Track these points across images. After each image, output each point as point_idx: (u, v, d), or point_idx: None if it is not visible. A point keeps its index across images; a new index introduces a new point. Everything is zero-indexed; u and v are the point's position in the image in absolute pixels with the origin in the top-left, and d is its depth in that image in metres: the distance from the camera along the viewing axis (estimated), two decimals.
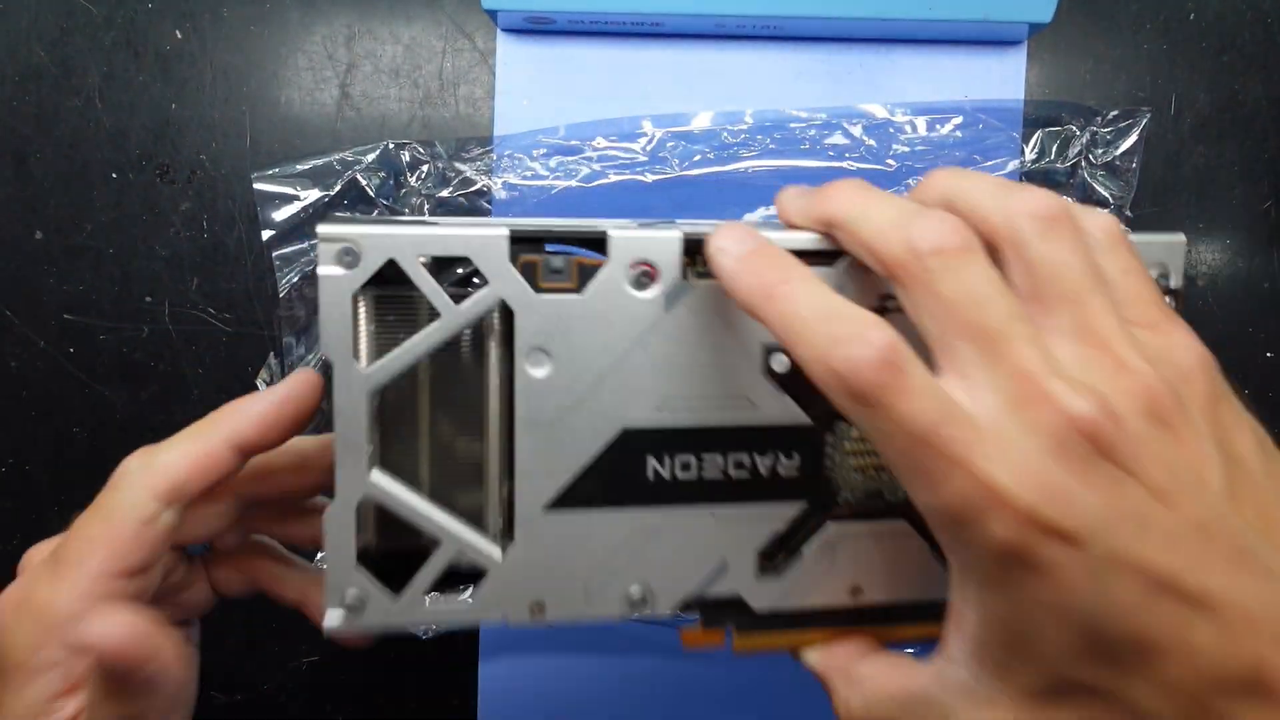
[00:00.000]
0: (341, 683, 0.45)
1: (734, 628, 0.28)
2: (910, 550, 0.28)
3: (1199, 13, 0.42)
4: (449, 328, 0.26)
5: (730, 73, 0.42)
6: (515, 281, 0.26)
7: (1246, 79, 0.42)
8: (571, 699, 0.45)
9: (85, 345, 0.44)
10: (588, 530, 0.27)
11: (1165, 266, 0.28)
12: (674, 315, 0.27)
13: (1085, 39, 0.42)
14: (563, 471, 0.27)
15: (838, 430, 0.28)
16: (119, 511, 0.27)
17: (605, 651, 0.44)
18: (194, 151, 0.43)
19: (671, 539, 0.28)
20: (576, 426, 0.27)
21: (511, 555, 0.27)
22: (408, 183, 0.41)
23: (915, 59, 0.42)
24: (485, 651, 0.45)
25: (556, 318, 0.27)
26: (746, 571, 0.28)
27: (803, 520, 0.28)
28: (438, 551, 0.27)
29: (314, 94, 0.43)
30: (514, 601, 0.27)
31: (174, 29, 0.43)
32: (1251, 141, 0.42)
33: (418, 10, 0.43)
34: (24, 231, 0.43)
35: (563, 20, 0.41)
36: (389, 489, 0.27)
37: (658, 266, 0.27)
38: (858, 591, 0.28)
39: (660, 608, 0.28)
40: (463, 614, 0.28)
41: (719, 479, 0.28)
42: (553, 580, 0.27)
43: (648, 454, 0.27)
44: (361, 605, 0.27)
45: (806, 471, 0.28)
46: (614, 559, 0.28)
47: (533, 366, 0.27)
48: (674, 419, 0.27)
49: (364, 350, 0.27)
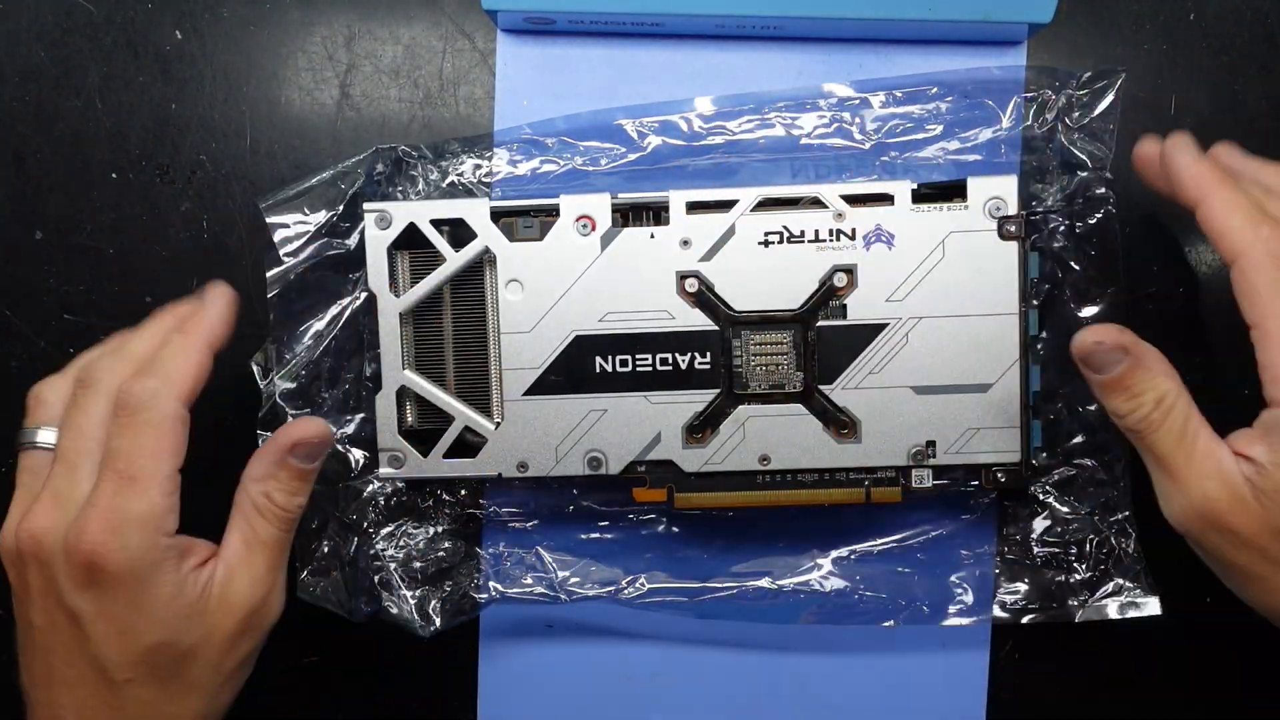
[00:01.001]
0: (341, 683, 0.45)
1: (673, 487, 0.38)
2: (806, 428, 0.38)
3: (1199, 13, 0.42)
4: (451, 268, 0.38)
5: (730, 73, 0.42)
6: (495, 235, 0.38)
7: (1246, 79, 0.42)
8: (572, 699, 0.45)
9: (85, 345, 0.43)
10: (554, 410, 0.38)
11: (1002, 200, 0.37)
12: (609, 253, 0.38)
13: (1085, 39, 0.42)
14: (534, 368, 0.38)
15: (742, 336, 0.38)
16: (162, 422, 0.32)
17: (605, 651, 0.44)
18: (194, 151, 0.43)
19: (616, 417, 0.38)
20: (542, 335, 0.38)
21: (501, 429, 0.39)
22: (409, 191, 0.41)
23: (915, 59, 0.42)
24: (485, 651, 0.45)
25: (526, 258, 0.38)
26: (676, 442, 0.38)
27: (718, 403, 0.38)
28: (451, 426, 0.39)
29: (314, 94, 0.43)
30: (505, 461, 0.39)
31: (174, 29, 0.43)
32: (1251, 142, 0.42)
33: (418, 10, 0.43)
34: (24, 231, 0.43)
35: (563, 20, 0.41)
36: (418, 381, 0.39)
37: (594, 218, 0.38)
38: (766, 459, 0.38)
39: (612, 468, 0.38)
40: (470, 469, 0.39)
41: (650, 372, 0.38)
42: (532, 446, 0.38)
43: (594, 354, 0.38)
44: (401, 461, 0.39)
45: (718, 366, 0.38)
46: (575, 432, 0.38)
47: (510, 294, 0.38)
48: (612, 328, 0.38)
49: (401, 287, 0.39)
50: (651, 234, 0.38)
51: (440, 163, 0.41)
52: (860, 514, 0.42)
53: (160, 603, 0.32)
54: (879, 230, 0.37)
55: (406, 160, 0.41)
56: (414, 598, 0.42)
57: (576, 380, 0.38)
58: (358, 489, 0.42)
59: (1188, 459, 0.31)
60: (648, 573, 0.42)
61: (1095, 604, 0.41)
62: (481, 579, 0.43)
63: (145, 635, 0.32)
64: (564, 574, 0.42)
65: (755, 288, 0.38)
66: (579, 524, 0.43)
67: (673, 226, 0.38)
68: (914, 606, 0.42)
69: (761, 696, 0.44)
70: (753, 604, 0.42)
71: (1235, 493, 0.30)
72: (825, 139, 0.41)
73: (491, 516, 0.43)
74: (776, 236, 0.37)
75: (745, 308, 0.38)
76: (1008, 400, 0.37)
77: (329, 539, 0.42)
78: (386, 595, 0.42)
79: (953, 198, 0.37)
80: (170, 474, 0.32)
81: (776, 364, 0.38)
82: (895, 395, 0.38)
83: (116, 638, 0.32)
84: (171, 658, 0.32)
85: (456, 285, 0.39)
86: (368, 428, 0.41)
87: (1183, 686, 0.44)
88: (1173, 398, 0.32)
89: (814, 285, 0.38)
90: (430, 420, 0.40)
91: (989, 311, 0.37)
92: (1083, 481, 0.41)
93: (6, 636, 0.41)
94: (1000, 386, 0.37)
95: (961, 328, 0.37)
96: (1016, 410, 0.37)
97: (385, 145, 0.41)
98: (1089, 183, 0.40)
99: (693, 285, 0.38)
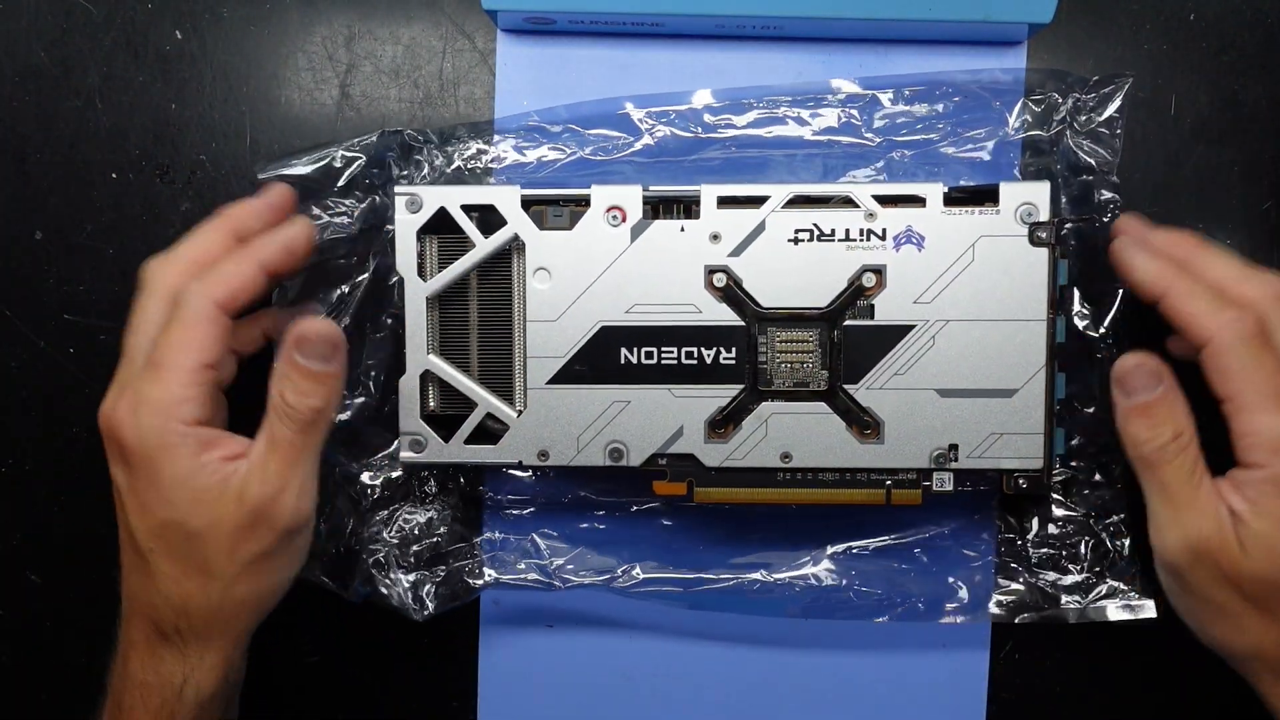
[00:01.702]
0: (341, 683, 0.45)
1: (693, 481, 0.38)
2: (828, 427, 0.38)
3: (1199, 13, 0.42)
4: (480, 253, 0.38)
5: (730, 73, 0.42)
6: (525, 223, 0.38)
7: (1246, 79, 0.42)
8: (572, 697, 0.45)
9: (85, 345, 0.44)
10: (577, 400, 0.38)
11: (1034, 206, 0.37)
12: (638, 244, 0.38)
13: (1085, 39, 0.42)
14: (559, 356, 0.38)
15: (768, 333, 0.38)
16: (191, 318, 0.34)
17: (605, 650, 0.44)
18: (194, 151, 0.43)
19: (640, 409, 0.38)
20: (568, 325, 0.38)
21: (524, 417, 0.39)
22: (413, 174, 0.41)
23: (915, 59, 0.42)
24: (485, 650, 0.45)
25: (555, 247, 0.38)
26: (698, 436, 0.38)
27: (741, 399, 0.38)
28: (474, 412, 0.39)
29: (314, 94, 0.43)
30: (526, 449, 0.39)
31: (174, 29, 0.43)
32: (1251, 141, 0.42)
33: (418, 10, 0.43)
34: (24, 231, 0.43)
35: (563, 20, 0.41)
36: (441, 365, 0.39)
37: (625, 209, 0.38)
38: (787, 457, 0.38)
39: (633, 460, 0.38)
40: (492, 455, 0.39)
41: (674, 365, 0.38)
42: (553, 435, 0.38)
43: (620, 345, 0.38)
44: (422, 446, 0.39)
45: (743, 362, 0.38)
46: (597, 422, 0.38)
47: (538, 282, 0.38)
48: (639, 319, 0.38)
49: (429, 271, 0.39)
50: (682, 227, 0.38)
51: (446, 148, 0.41)
52: (860, 510, 0.42)
53: (172, 483, 0.34)
54: (909, 232, 0.37)
55: (412, 145, 0.41)
56: (409, 581, 0.42)
57: (601, 371, 0.38)
58: (358, 471, 0.42)
59: (1192, 495, 0.34)
60: (643, 562, 0.42)
61: (1091, 606, 0.41)
62: (477, 564, 0.43)
63: (158, 510, 0.34)
64: (559, 561, 0.43)
65: (783, 284, 0.38)
66: (577, 512, 0.43)
67: (703, 220, 0.38)
68: (910, 604, 0.42)
69: (763, 695, 0.45)
70: (746, 596, 0.42)
71: (1226, 533, 0.33)
72: (834, 136, 0.41)
73: (491, 502, 0.43)
74: (806, 234, 0.37)
75: (772, 304, 0.38)
76: (1032, 406, 0.37)
77: (328, 520, 0.42)
78: (380, 577, 0.42)
79: (984, 202, 0.37)
80: (194, 367, 0.34)
81: (802, 362, 0.38)
82: (919, 397, 0.38)
83: (137, 509, 0.35)
84: (182, 536, 0.34)
85: (484, 272, 0.39)
86: (369, 410, 0.41)
87: (1183, 686, 0.44)
88: (1189, 436, 0.34)
89: (842, 284, 0.38)
90: (452, 405, 0.40)
91: (1016, 317, 0.37)
92: (1080, 484, 0.41)
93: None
94: (1025, 392, 0.37)
95: (988, 332, 0.37)
96: (1040, 417, 0.37)
97: (390, 129, 0.41)
98: (1095, 186, 0.40)
99: (721, 280, 0.38)
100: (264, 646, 0.39)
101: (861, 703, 0.44)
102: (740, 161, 0.41)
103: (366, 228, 0.41)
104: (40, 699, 0.45)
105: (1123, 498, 0.41)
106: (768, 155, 0.41)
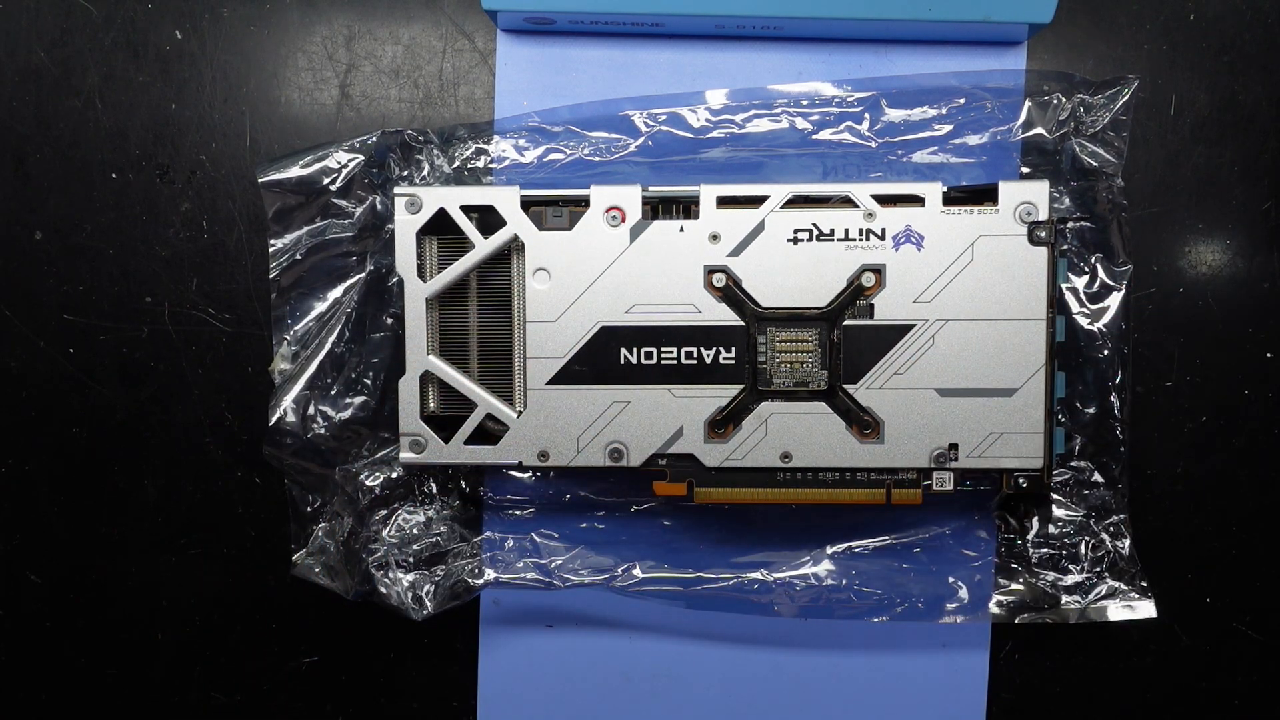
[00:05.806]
0: (341, 683, 0.45)
1: (693, 481, 0.38)
2: (828, 427, 0.38)
3: (1199, 13, 0.42)
4: (479, 254, 0.38)
5: (730, 73, 0.42)
6: (525, 223, 0.38)
7: (1246, 79, 0.42)
8: (571, 697, 0.45)
9: (85, 345, 0.44)
10: (577, 401, 0.38)
11: (1033, 205, 0.37)
12: (638, 245, 0.38)
13: (1085, 39, 0.42)
14: (559, 357, 0.38)
15: (768, 332, 0.38)
16: None
17: (605, 650, 0.44)
18: (194, 151, 0.43)
19: (640, 409, 0.38)
20: (568, 325, 0.38)
21: (524, 417, 0.39)
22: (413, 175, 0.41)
23: (915, 59, 0.42)
24: (485, 650, 0.45)
25: (554, 248, 0.38)
26: (698, 436, 0.38)
27: (741, 399, 0.38)
28: (474, 413, 0.39)
29: (314, 94, 0.43)
30: (526, 450, 0.39)
31: (174, 29, 0.43)
32: (1251, 141, 0.42)
33: (418, 10, 0.43)
34: (24, 231, 0.43)
35: (563, 20, 0.41)
36: (441, 366, 0.39)
37: (625, 209, 0.38)
38: (787, 457, 0.38)
39: (633, 460, 0.38)
40: (491, 456, 0.39)
41: (674, 365, 0.38)
42: (553, 436, 0.39)
43: (619, 345, 0.38)
44: (422, 446, 0.39)
45: (742, 361, 0.38)
46: (597, 422, 0.38)
47: (538, 283, 0.38)
48: (638, 320, 0.38)
49: (428, 272, 0.39)
50: (681, 227, 0.38)
51: (446, 148, 0.41)
52: (860, 510, 0.42)
53: None
54: (909, 231, 0.37)
55: (412, 145, 0.41)
56: (408, 581, 0.42)
57: (600, 371, 0.38)
58: (357, 471, 0.42)
59: None
60: (642, 561, 0.42)
61: (1091, 606, 0.41)
62: (477, 564, 0.43)
63: None
64: (559, 560, 0.43)
65: (783, 284, 0.38)
66: (577, 512, 0.43)
67: (702, 220, 0.38)
68: (910, 604, 0.42)
69: (762, 695, 0.45)
70: (746, 596, 0.42)
71: None
72: (835, 135, 0.41)
73: (491, 503, 0.43)
74: (806, 234, 0.38)
75: (772, 304, 0.38)
76: (1032, 406, 0.37)
77: (326, 519, 0.42)
78: (380, 576, 0.42)
79: (983, 201, 0.37)
80: None
81: (801, 361, 0.38)
82: (919, 397, 0.38)
83: None
84: None
85: (484, 272, 0.39)
86: (369, 410, 0.41)
87: (1183, 686, 0.44)
88: None
89: (842, 284, 0.38)
90: (452, 406, 0.40)
91: (1016, 316, 0.37)
92: (1079, 484, 0.41)
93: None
94: (1025, 392, 0.37)
95: (988, 331, 0.37)
96: (1040, 416, 0.37)
97: (390, 129, 0.41)
98: (1098, 188, 0.40)
99: (720, 280, 0.38)
100: (264, 646, 0.39)
101: (861, 703, 0.44)
102: (740, 162, 0.41)
103: (366, 228, 0.41)
104: (40, 699, 0.45)
105: (1123, 498, 0.41)
106: (767, 155, 0.41)
